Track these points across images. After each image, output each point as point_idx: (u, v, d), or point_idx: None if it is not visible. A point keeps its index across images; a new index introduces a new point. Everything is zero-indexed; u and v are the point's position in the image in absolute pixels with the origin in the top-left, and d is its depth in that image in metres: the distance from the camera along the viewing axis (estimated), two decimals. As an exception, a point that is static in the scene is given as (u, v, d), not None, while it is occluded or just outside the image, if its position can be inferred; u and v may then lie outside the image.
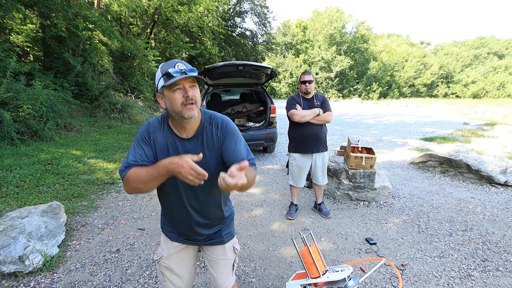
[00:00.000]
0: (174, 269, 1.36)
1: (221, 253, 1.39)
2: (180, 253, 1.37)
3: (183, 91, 1.06)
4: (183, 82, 1.05)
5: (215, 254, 1.39)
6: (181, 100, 1.05)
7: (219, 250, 1.38)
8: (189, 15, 14.73)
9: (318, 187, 3.27)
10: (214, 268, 1.41)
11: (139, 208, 3.46)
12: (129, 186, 1.07)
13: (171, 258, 1.34)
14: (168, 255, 1.34)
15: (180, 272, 1.38)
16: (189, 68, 1.06)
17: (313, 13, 45.50)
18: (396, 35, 67.63)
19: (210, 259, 1.41)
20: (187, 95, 1.05)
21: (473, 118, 13.79)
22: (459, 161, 4.55)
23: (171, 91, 1.05)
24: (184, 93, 1.05)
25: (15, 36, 8.43)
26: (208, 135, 1.16)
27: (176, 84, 1.04)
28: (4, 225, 2.35)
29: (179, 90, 1.06)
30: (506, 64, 47.32)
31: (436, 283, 2.16)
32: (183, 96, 1.05)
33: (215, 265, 1.40)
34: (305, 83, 2.94)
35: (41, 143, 5.54)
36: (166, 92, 1.07)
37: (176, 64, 1.06)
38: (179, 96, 1.05)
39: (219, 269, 1.40)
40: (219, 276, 1.41)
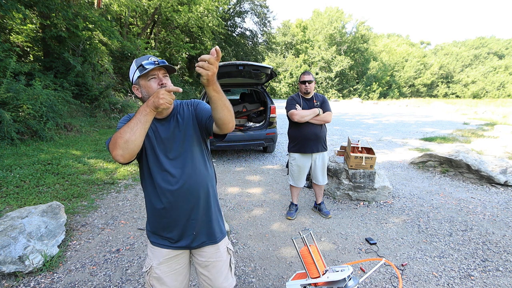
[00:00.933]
0: (165, 279, 1.31)
1: (215, 255, 1.36)
2: (171, 262, 1.32)
3: (158, 79, 1.17)
4: (157, 71, 1.17)
5: (209, 257, 1.35)
6: (156, 87, 1.16)
7: (212, 251, 1.35)
8: (189, 15, 14.73)
9: (318, 187, 3.27)
10: (212, 272, 1.37)
11: (139, 208, 3.46)
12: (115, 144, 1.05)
13: (161, 268, 1.30)
14: (158, 264, 1.30)
15: (171, 282, 1.32)
16: (161, 60, 1.18)
17: (313, 13, 45.50)
18: (396, 35, 67.65)
19: (205, 264, 1.36)
20: (161, 82, 1.17)
21: (473, 118, 13.79)
22: (459, 161, 4.55)
23: (147, 80, 1.17)
24: (159, 81, 1.17)
25: (15, 36, 8.44)
26: (182, 112, 1.30)
27: (152, 74, 1.16)
28: (4, 225, 2.35)
29: (154, 79, 1.17)
30: (506, 64, 47.31)
31: (436, 283, 2.16)
32: (158, 83, 1.17)
33: (212, 269, 1.37)
34: (305, 83, 2.95)
35: (41, 143, 5.54)
36: (142, 82, 1.18)
37: (149, 57, 1.18)
38: (154, 84, 1.17)
39: (216, 271, 1.37)
40: (218, 279, 1.38)
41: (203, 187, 1.28)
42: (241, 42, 25.88)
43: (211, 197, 1.33)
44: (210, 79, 0.97)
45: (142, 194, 3.86)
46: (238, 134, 5.28)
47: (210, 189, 1.33)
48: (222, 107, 1.07)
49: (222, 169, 5.12)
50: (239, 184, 4.38)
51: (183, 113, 1.30)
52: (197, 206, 1.27)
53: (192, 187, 1.25)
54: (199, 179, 1.27)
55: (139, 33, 14.83)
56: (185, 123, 1.27)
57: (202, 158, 1.31)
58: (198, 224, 1.29)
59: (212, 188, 1.35)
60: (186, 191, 1.24)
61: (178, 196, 1.23)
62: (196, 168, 1.27)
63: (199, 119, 1.28)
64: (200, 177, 1.27)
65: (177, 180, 1.22)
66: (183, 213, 1.25)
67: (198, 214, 1.28)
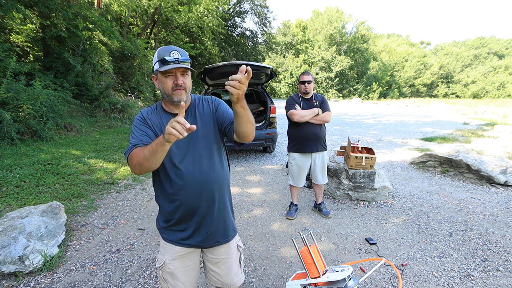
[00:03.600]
0: (178, 274, 1.32)
1: (227, 252, 1.37)
2: (184, 259, 1.33)
3: (174, 78, 1.16)
4: (176, 70, 1.14)
5: (220, 254, 1.36)
6: (171, 85, 1.16)
7: (224, 249, 1.36)
8: (189, 15, 14.73)
9: (318, 187, 3.27)
10: (222, 268, 1.38)
11: (139, 208, 3.46)
12: (132, 163, 1.13)
13: (174, 263, 1.31)
14: (171, 260, 1.31)
15: (184, 278, 1.34)
16: (183, 58, 1.15)
17: (313, 13, 45.52)
18: (396, 35, 67.65)
19: (216, 261, 1.37)
20: (177, 82, 1.15)
21: (473, 118, 13.79)
22: (459, 161, 4.55)
23: (164, 76, 1.16)
24: (175, 80, 1.15)
25: (15, 36, 8.43)
26: (200, 108, 1.29)
27: (170, 71, 1.14)
28: (4, 225, 2.35)
29: (171, 76, 1.16)
30: (506, 64, 47.31)
31: (436, 283, 2.16)
32: (173, 82, 1.16)
33: (222, 265, 1.38)
34: (305, 83, 2.95)
35: (41, 143, 5.54)
36: (159, 76, 1.17)
37: (171, 52, 1.14)
38: (170, 82, 1.16)
39: (227, 268, 1.39)
40: (228, 275, 1.40)
41: (218, 185, 1.27)
42: (241, 42, 25.86)
43: (226, 196, 1.33)
44: (240, 97, 1.00)
45: (142, 194, 3.86)
46: None
47: (226, 188, 1.32)
48: (246, 122, 1.11)
49: (222, 169, 5.12)
50: (239, 184, 4.38)
51: (203, 110, 1.29)
52: (212, 204, 1.26)
53: (208, 184, 1.23)
54: (214, 176, 1.25)
55: (139, 33, 14.83)
56: (204, 120, 1.26)
57: (219, 156, 1.29)
58: (212, 222, 1.28)
59: (227, 187, 1.35)
60: (201, 189, 1.22)
61: (192, 193, 1.21)
62: (212, 165, 1.25)
63: (219, 121, 1.28)
64: (216, 174, 1.26)
65: (192, 177, 1.21)
66: (196, 210, 1.24)
67: (213, 212, 1.27)
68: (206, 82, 5.50)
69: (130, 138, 1.20)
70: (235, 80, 0.94)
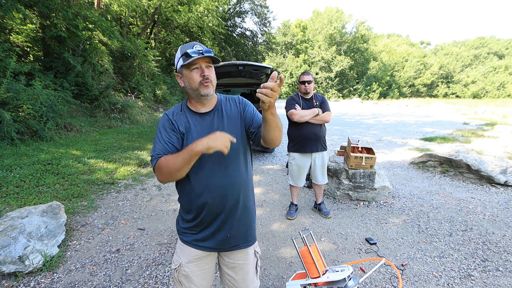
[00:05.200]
0: (193, 277, 1.29)
1: (244, 258, 1.34)
2: (200, 262, 1.30)
3: (200, 71, 1.15)
4: (200, 62, 1.14)
5: (237, 259, 1.33)
6: (198, 78, 1.15)
7: (241, 255, 1.33)
8: (189, 15, 14.72)
9: (318, 187, 3.27)
10: (238, 274, 1.35)
11: (139, 208, 3.46)
12: (161, 172, 1.11)
13: (190, 266, 1.28)
14: (187, 262, 1.28)
15: (199, 281, 1.31)
16: (206, 49, 1.14)
17: (313, 13, 45.53)
18: (396, 35, 67.66)
19: (233, 266, 1.34)
20: (203, 74, 1.14)
21: (473, 118, 13.79)
22: (459, 161, 4.55)
23: (190, 70, 1.15)
24: (201, 72, 1.15)
25: (15, 36, 8.43)
26: (228, 108, 1.27)
27: (194, 63, 1.13)
28: (4, 225, 2.35)
29: (197, 69, 1.15)
30: (506, 64, 47.30)
31: (436, 283, 2.16)
32: (200, 75, 1.15)
33: (239, 271, 1.34)
34: (305, 83, 2.95)
35: (41, 143, 5.54)
36: (184, 71, 1.16)
37: (194, 45, 1.14)
38: (196, 75, 1.15)
39: (243, 274, 1.35)
40: (244, 281, 1.36)
41: (243, 188, 1.24)
42: (241, 42, 25.85)
43: (250, 201, 1.30)
44: (271, 105, 1.00)
45: (142, 194, 3.86)
46: None
47: (250, 192, 1.30)
48: (275, 129, 1.11)
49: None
50: (239, 184, 4.37)
51: (230, 110, 1.27)
52: (235, 208, 1.23)
53: (232, 187, 1.21)
54: (239, 179, 1.23)
55: (139, 33, 14.83)
56: (231, 120, 1.24)
57: (244, 159, 1.27)
58: (233, 226, 1.25)
59: (252, 191, 1.32)
60: (225, 191, 1.20)
61: (216, 196, 1.19)
62: (238, 168, 1.22)
63: (247, 124, 1.26)
64: (241, 177, 1.23)
65: (217, 179, 1.18)
66: (219, 213, 1.21)
67: (235, 216, 1.24)
68: None
69: (155, 144, 1.17)
70: (267, 88, 0.94)
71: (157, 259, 2.44)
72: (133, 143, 6.53)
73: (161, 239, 2.76)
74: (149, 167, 5.00)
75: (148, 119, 10.18)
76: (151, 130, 8.27)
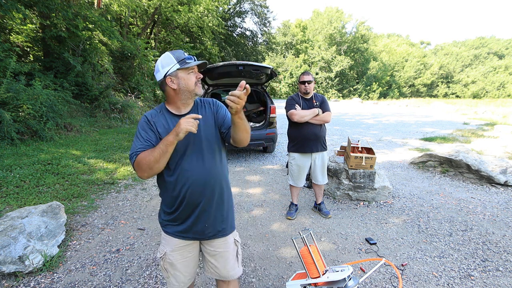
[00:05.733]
0: (178, 265, 1.42)
1: (224, 246, 1.45)
2: (183, 251, 1.42)
3: (196, 74, 1.31)
4: (195, 67, 1.31)
5: (218, 247, 1.44)
6: (194, 80, 1.30)
7: (221, 243, 1.44)
8: (189, 15, 14.72)
9: (318, 187, 3.27)
10: (219, 261, 1.46)
11: (139, 208, 3.46)
12: (141, 168, 1.22)
13: (173, 255, 1.40)
14: (171, 251, 1.40)
15: (183, 268, 1.43)
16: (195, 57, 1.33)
17: (313, 13, 45.52)
18: (396, 35, 67.67)
19: (214, 253, 1.45)
20: (199, 76, 1.32)
21: (473, 118, 13.79)
22: (459, 161, 4.55)
23: (187, 73, 1.28)
24: (197, 75, 1.32)
25: (15, 36, 8.43)
26: (203, 110, 1.40)
27: (192, 67, 1.29)
28: (4, 225, 2.35)
29: (193, 73, 1.30)
30: (506, 64, 47.31)
31: (436, 283, 2.16)
32: (196, 77, 1.31)
33: (219, 258, 1.45)
34: (305, 84, 2.95)
35: (41, 143, 5.54)
36: (181, 74, 1.28)
37: (183, 52, 1.30)
38: (193, 77, 1.30)
39: (224, 261, 1.46)
40: (225, 268, 1.47)
41: (217, 181, 1.36)
42: (241, 42, 25.86)
43: (224, 192, 1.41)
44: (239, 111, 1.16)
45: (142, 194, 3.86)
46: None
47: (224, 184, 1.41)
48: (243, 131, 1.26)
49: (222, 169, 5.12)
50: (239, 184, 4.38)
51: (205, 111, 1.40)
52: (211, 200, 1.35)
53: (209, 180, 1.33)
54: (213, 173, 1.35)
55: (139, 33, 14.82)
56: (206, 121, 1.37)
57: (219, 153, 1.39)
58: (210, 217, 1.37)
59: (226, 183, 1.43)
60: (203, 184, 1.32)
61: (195, 189, 1.31)
62: (212, 163, 1.34)
63: (218, 124, 1.40)
64: (215, 171, 1.35)
65: (195, 173, 1.30)
66: (197, 205, 1.33)
67: (211, 208, 1.36)
68: (206, 82, 5.50)
69: (134, 143, 1.28)
70: (234, 96, 1.08)
71: (157, 259, 2.44)
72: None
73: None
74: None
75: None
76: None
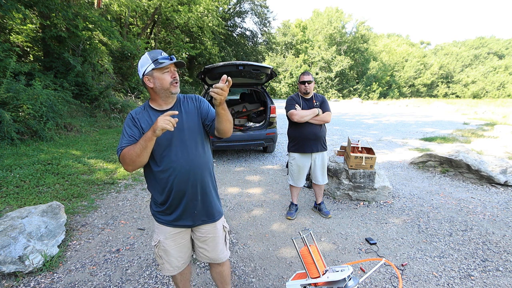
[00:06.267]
0: (171, 251, 1.52)
1: (213, 231, 1.55)
2: (176, 237, 1.52)
3: (171, 73, 1.35)
4: (171, 66, 1.35)
5: (207, 233, 1.55)
6: (169, 80, 1.35)
7: (210, 228, 1.55)
8: (189, 15, 14.73)
9: (318, 187, 3.27)
10: (209, 245, 1.57)
11: (139, 208, 3.46)
12: (125, 161, 1.30)
13: (167, 242, 1.50)
14: (165, 239, 1.50)
15: (177, 253, 1.54)
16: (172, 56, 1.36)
17: (313, 13, 45.48)
18: (396, 35, 67.64)
19: (204, 239, 1.56)
20: (174, 76, 1.36)
21: (473, 118, 13.78)
22: (459, 161, 4.55)
23: (162, 73, 1.33)
24: (172, 75, 1.35)
25: (15, 36, 8.43)
26: (186, 105, 1.47)
27: (166, 67, 1.33)
28: (4, 225, 2.35)
29: (168, 72, 1.35)
30: (506, 64, 47.29)
31: (436, 283, 2.16)
32: (171, 76, 1.35)
33: (209, 243, 1.57)
34: (305, 84, 2.95)
35: (41, 143, 5.54)
36: (156, 74, 1.33)
37: (161, 52, 1.35)
38: (167, 76, 1.34)
39: (214, 245, 1.58)
40: (214, 251, 1.59)
41: (202, 171, 1.44)
42: (241, 42, 25.87)
43: (209, 181, 1.50)
44: (222, 102, 1.22)
45: (142, 194, 3.86)
46: (238, 134, 5.27)
47: (208, 173, 1.49)
48: (226, 121, 1.33)
49: (222, 169, 5.12)
50: (239, 184, 4.38)
51: (188, 106, 1.47)
52: (197, 188, 1.43)
53: (193, 170, 1.40)
54: (198, 163, 1.42)
55: (139, 33, 14.83)
56: (189, 115, 1.44)
57: (202, 145, 1.46)
58: (198, 204, 1.46)
59: (210, 172, 1.51)
60: (187, 174, 1.39)
61: (181, 179, 1.38)
62: (196, 154, 1.42)
63: (202, 118, 1.47)
64: (199, 162, 1.43)
65: (180, 164, 1.37)
66: (185, 194, 1.41)
67: (198, 195, 1.45)
68: (206, 82, 5.50)
69: (120, 139, 1.36)
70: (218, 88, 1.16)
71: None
72: (133, 143, 6.52)
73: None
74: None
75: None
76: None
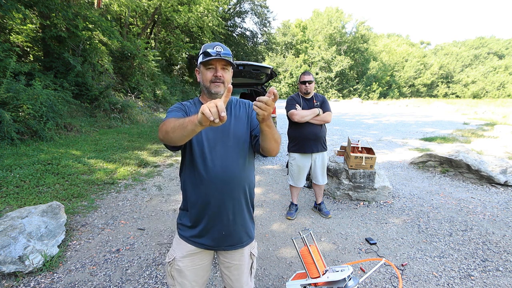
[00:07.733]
0: (186, 272, 1.30)
1: (239, 258, 1.34)
2: (194, 257, 1.30)
3: (214, 71, 1.22)
4: (216, 63, 1.20)
5: (232, 259, 1.34)
6: (210, 77, 1.22)
7: (237, 255, 1.34)
8: (189, 15, 14.73)
9: (318, 187, 3.27)
10: (233, 274, 1.36)
11: (139, 208, 3.46)
12: (161, 129, 1.09)
13: (183, 261, 1.29)
14: (182, 257, 1.29)
15: (192, 277, 1.31)
16: (225, 52, 1.20)
17: (313, 13, 45.52)
18: (396, 35, 67.66)
19: (228, 265, 1.36)
20: (216, 74, 1.22)
21: (473, 118, 13.79)
22: (459, 161, 4.55)
23: (205, 68, 1.23)
24: (215, 72, 1.22)
25: (15, 36, 8.42)
26: (237, 109, 1.32)
27: (210, 63, 1.21)
28: (4, 225, 2.35)
29: (211, 69, 1.22)
30: (506, 64, 47.31)
31: (436, 283, 2.16)
32: (213, 74, 1.22)
33: (234, 271, 1.36)
34: (305, 83, 2.95)
35: (41, 143, 5.54)
36: (202, 69, 1.24)
37: (215, 46, 1.21)
38: (209, 74, 1.22)
39: (238, 274, 1.36)
40: (239, 281, 1.38)
41: (242, 187, 1.26)
42: (241, 42, 25.87)
43: (248, 200, 1.31)
44: (266, 118, 1.02)
45: (142, 194, 3.86)
46: None
47: (248, 191, 1.30)
48: (271, 140, 1.14)
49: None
50: (239, 184, 4.37)
51: (239, 111, 1.32)
52: (231, 206, 1.24)
53: (230, 182, 1.22)
54: (238, 176, 1.24)
55: (139, 33, 14.82)
56: (238, 121, 1.29)
57: (244, 157, 1.27)
58: (228, 223, 1.26)
59: (250, 191, 1.32)
60: (221, 185, 1.21)
61: (213, 188, 1.20)
62: (238, 165, 1.23)
63: (251, 127, 1.30)
64: (239, 175, 1.24)
65: (216, 171, 1.20)
66: (216, 210, 1.23)
67: (231, 215, 1.25)
68: None
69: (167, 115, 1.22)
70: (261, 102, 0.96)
71: (157, 259, 2.44)
72: (133, 143, 6.53)
73: (161, 239, 2.76)
74: (149, 167, 5.01)
75: (148, 119, 10.18)
76: (151, 130, 8.27)
